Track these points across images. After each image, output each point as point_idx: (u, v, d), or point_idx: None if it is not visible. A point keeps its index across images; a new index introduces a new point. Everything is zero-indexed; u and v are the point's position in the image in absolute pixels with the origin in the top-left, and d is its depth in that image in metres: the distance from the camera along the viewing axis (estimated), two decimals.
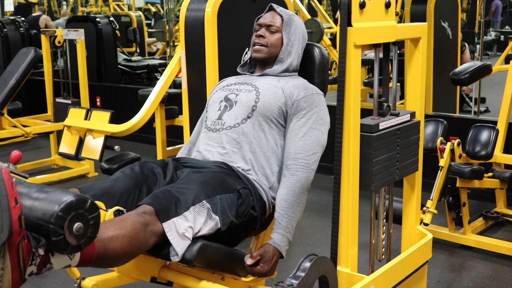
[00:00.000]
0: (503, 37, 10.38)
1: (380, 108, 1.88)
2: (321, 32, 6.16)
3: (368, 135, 1.76)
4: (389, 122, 1.86)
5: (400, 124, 1.91)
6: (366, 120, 1.81)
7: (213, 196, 1.81)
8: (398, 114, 1.91)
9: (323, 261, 1.70)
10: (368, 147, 1.76)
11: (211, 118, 2.13)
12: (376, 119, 1.84)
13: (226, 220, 1.83)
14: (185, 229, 1.70)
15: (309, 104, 2.05)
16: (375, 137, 1.77)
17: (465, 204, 3.13)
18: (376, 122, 1.79)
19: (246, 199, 1.91)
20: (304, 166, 1.96)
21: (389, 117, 1.88)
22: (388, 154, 1.84)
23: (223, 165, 1.99)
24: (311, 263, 1.64)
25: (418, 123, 2.00)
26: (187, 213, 1.73)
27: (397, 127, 1.89)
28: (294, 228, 1.91)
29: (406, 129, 1.93)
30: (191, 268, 1.90)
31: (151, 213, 1.66)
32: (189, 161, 2.08)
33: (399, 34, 1.86)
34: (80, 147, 3.46)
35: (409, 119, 1.96)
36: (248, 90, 2.12)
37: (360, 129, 1.76)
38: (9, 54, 5.83)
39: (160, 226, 1.66)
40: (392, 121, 1.87)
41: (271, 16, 2.20)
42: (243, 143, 2.03)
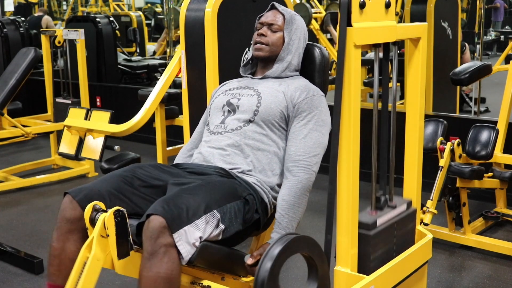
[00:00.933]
0: (503, 37, 10.38)
1: (377, 202, 1.90)
2: (309, 16, 6.19)
3: (366, 233, 1.79)
4: (387, 216, 1.88)
5: (397, 216, 1.93)
6: (364, 216, 1.83)
7: (223, 205, 1.83)
8: (395, 207, 1.93)
9: (300, 239, 1.65)
10: (366, 245, 1.80)
11: (214, 123, 2.14)
12: (374, 214, 1.86)
13: (232, 229, 1.85)
14: (195, 239, 1.72)
15: (309, 106, 2.06)
16: (373, 235, 1.80)
17: (465, 204, 3.13)
18: (373, 219, 1.82)
19: (252, 205, 1.93)
20: (305, 168, 1.96)
21: (386, 210, 1.90)
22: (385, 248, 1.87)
23: (222, 171, 1.99)
24: (285, 239, 1.60)
25: (414, 212, 2.03)
26: (199, 221, 1.74)
27: (394, 220, 1.91)
28: (294, 229, 1.92)
29: (403, 220, 1.96)
30: (191, 268, 1.90)
31: (163, 227, 1.66)
32: (189, 166, 2.08)
33: (399, 34, 1.85)
34: (80, 147, 3.46)
35: (406, 209, 1.99)
36: (250, 95, 2.13)
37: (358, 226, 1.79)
38: (9, 54, 5.83)
39: (171, 240, 1.67)
40: (389, 215, 1.90)
41: (273, 14, 2.20)
42: (245, 145, 2.04)
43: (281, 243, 1.57)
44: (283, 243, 1.57)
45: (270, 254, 1.54)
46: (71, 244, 1.84)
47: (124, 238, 1.73)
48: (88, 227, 1.74)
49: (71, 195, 1.85)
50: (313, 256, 1.66)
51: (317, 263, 1.67)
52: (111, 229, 1.70)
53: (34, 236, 3.49)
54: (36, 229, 3.62)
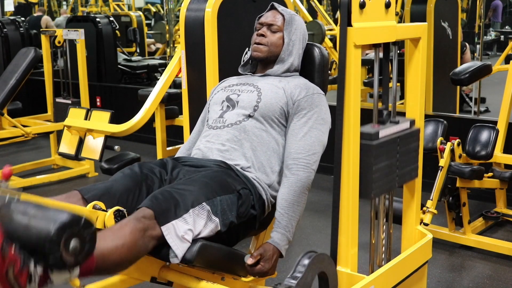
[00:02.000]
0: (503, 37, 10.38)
1: (380, 116, 1.88)
2: (323, 34, 6.17)
3: (368, 143, 1.76)
4: (389, 130, 1.86)
5: (400, 132, 1.91)
6: (366, 128, 1.80)
7: (213, 198, 1.81)
8: (398, 122, 1.91)
9: (321, 258, 1.69)
10: (368, 156, 1.75)
11: (213, 117, 2.13)
12: (376, 126, 1.83)
13: (226, 221, 1.83)
14: (184, 232, 1.70)
15: (309, 104, 2.05)
16: (375, 145, 1.76)
17: (465, 204, 3.13)
18: (376, 130, 1.79)
19: (246, 200, 1.91)
20: (304, 166, 1.96)
21: (389, 125, 1.88)
22: (387, 162, 1.83)
23: (222, 164, 1.99)
24: (309, 261, 1.64)
25: (418, 131, 1.99)
26: (187, 215, 1.72)
27: (397, 135, 1.89)
28: (294, 228, 1.91)
29: (406, 137, 1.93)
30: (191, 268, 1.90)
31: (150, 217, 1.65)
32: (189, 160, 2.08)
33: (399, 34, 1.86)
34: (80, 147, 3.46)
35: (409, 126, 1.96)
36: (250, 91, 2.12)
37: (360, 137, 1.76)
38: (9, 54, 5.83)
39: (159, 230, 1.66)
40: (392, 129, 1.87)
41: (273, 15, 2.19)
42: (244, 140, 2.03)
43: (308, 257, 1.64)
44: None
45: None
46: None
47: None
48: None
49: (81, 193, 1.83)
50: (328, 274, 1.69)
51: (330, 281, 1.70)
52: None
53: None
54: None
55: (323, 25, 6.31)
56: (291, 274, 1.62)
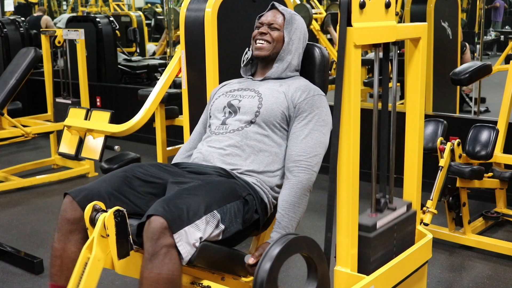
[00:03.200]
0: (503, 37, 10.38)
1: (378, 204, 1.90)
2: (310, 17, 6.19)
3: (367, 235, 1.79)
4: (387, 218, 1.88)
5: (397, 218, 1.93)
6: (364, 218, 1.83)
7: (223, 206, 1.83)
8: (395, 209, 1.93)
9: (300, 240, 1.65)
10: (366, 247, 1.79)
11: (215, 124, 2.14)
12: (373, 216, 1.86)
13: (232, 229, 1.85)
14: (195, 240, 1.72)
15: (310, 106, 2.06)
16: (373, 237, 1.80)
17: (465, 204, 3.13)
18: (373, 221, 1.82)
19: (251, 205, 1.93)
20: (305, 168, 1.96)
21: (386, 213, 1.90)
22: (385, 250, 1.87)
23: (222, 171, 1.99)
24: (284, 239, 1.59)
25: (414, 214, 2.03)
26: (199, 222, 1.74)
27: (394, 222, 1.91)
28: (294, 228, 1.92)
29: (403, 222, 1.96)
30: (191, 268, 1.90)
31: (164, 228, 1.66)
32: (189, 166, 2.08)
33: (399, 34, 1.85)
34: (80, 147, 3.46)
35: (406, 211, 1.98)
36: (251, 96, 2.13)
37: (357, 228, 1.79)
38: (9, 54, 5.83)
39: (171, 241, 1.68)
40: (389, 217, 1.89)
41: (273, 14, 2.20)
42: (246, 145, 2.04)
43: (280, 243, 1.57)
44: (282, 243, 1.57)
45: (269, 254, 1.54)
46: (72, 244, 1.85)
47: (124, 238, 1.73)
48: (88, 227, 1.75)
49: (71, 195, 1.85)
50: (312, 256, 1.66)
51: (317, 263, 1.67)
52: (111, 229, 1.70)
53: (34, 236, 3.49)
54: (36, 229, 3.62)
55: (310, 8, 6.34)
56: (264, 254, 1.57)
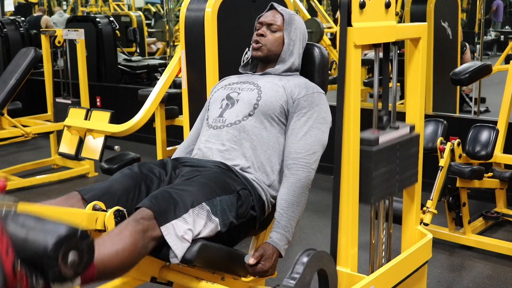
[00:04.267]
0: (503, 37, 10.38)
1: (380, 121, 1.88)
2: (321, 32, 6.17)
3: (368, 149, 1.76)
4: (389, 136, 1.86)
5: (400, 137, 1.91)
6: (366, 133, 1.80)
7: (212, 198, 1.81)
8: (397, 128, 1.91)
9: (320, 255, 1.68)
10: (368, 162, 1.75)
11: (213, 116, 2.13)
12: (376, 132, 1.83)
13: (226, 221, 1.83)
14: (184, 232, 1.70)
15: (309, 103, 2.05)
16: (375, 151, 1.77)
17: (465, 204, 3.13)
18: (375, 136, 1.79)
19: (246, 200, 1.91)
20: (304, 166, 1.96)
21: (388, 131, 1.88)
22: (387, 168, 1.83)
23: (222, 165, 1.99)
24: (307, 259, 1.63)
25: (417, 137, 1.99)
26: (186, 215, 1.72)
27: (396, 140, 1.89)
28: (293, 228, 1.91)
29: (406, 142, 1.93)
30: (191, 268, 1.90)
31: (150, 217, 1.65)
32: (189, 160, 2.08)
33: (399, 34, 1.86)
34: (80, 147, 3.46)
35: (409, 132, 1.96)
36: (250, 89, 2.12)
37: (360, 143, 1.76)
38: (9, 54, 5.83)
39: (159, 231, 1.66)
40: (391, 134, 1.87)
41: (272, 15, 2.20)
42: (244, 140, 2.03)
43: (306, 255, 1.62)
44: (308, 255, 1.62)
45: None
46: None
47: None
48: None
49: (81, 193, 1.83)
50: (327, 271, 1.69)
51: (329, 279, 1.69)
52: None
53: None
54: None
55: (321, 23, 6.32)
56: (289, 273, 1.62)
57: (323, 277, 1.71)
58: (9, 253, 1.24)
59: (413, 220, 2.13)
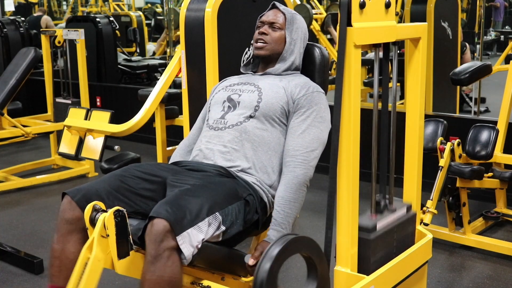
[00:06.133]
0: (503, 37, 10.38)
1: (377, 205, 1.90)
2: (310, 17, 6.20)
3: (366, 237, 1.79)
4: (386, 220, 1.88)
5: (397, 220, 1.93)
6: (364, 220, 1.83)
7: (225, 208, 1.83)
8: (395, 210, 1.93)
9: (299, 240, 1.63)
10: (366, 248, 1.80)
11: (214, 117, 2.13)
12: (373, 217, 1.86)
13: (232, 231, 1.85)
14: (198, 242, 1.73)
15: (309, 102, 2.06)
16: (373, 239, 1.80)
17: (465, 204, 3.13)
18: (373, 223, 1.82)
19: (252, 206, 1.93)
20: (301, 163, 1.96)
21: (386, 214, 1.90)
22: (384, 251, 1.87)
23: (222, 170, 1.99)
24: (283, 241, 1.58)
25: (414, 216, 2.03)
26: (202, 224, 1.74)
27: (394, 224, 1.91)
28: (291, 224, 1.91)
29: (403, 224, 1.96)
30: (191, 268, 1.90)
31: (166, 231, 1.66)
32: (189, 164, 2.08)
33: (399, 34, 1.85)
34: (80, 147, 3.46)
35: (406, 212, 1.99)
36: (250, 91, 2.13)
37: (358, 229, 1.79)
38: (9, 54, 5.83)
39: (174, 243, 1.68)
40: (389, 219, 1.90)
41: (274, 13, 2.20)
42: (245, 141, 2.03)
43: (280, 243, 1.57)
44: (281, 243, 1.57)
45: (269, 254, 1.54)
46: (71, 245, 1.84)
47: (124, 238, 1.72)
48: (88, 227, 1.74)
49: (70, 195, 1.85)
50: (312, 256, 1.66)
51: (316, 263, 1.67)
52: (111, 229, 1.70)
53: (34, 236, 3.49)
54: (36, 229, 3.62)
55: (310, 8, 6.34)
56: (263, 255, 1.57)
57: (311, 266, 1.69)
58: None
59: None
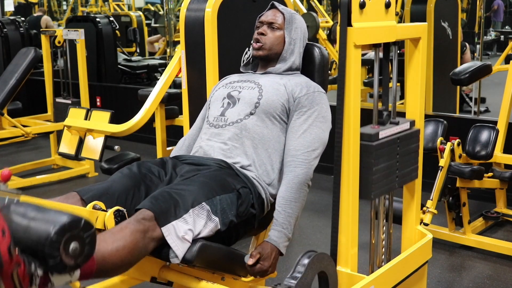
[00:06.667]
0: (503, 37, 10.39)
1: (380, 117, 1.88)
2: (317, 26, 6.19)
3: (368, 144, 1.76)
4: (389, 131, 1.86)
5: (400, 132, 1.91)
6: (366, 128, 1.80)
7: (212, 198, 1.81)
8: (398, 123, 1.91)
9: (321, 257, 1.69)
10: (368, 156, 1.76)
11: (214, 115, 2.13)
12: (376, 127, 1.83)
13: (226, 220, 1.83)
14: (184, 232, 1.70)
15: (310, 101, 2.06)
16: (375, 146, 1.77)
17: (465, 204, 3.13)
18: (376, 131, 1.79)
19: (246, 198, 1.91)
20: (302, 162, 1.96)
21: (389, 126, 1.88)
22: (388, 163, 1.83)
23: (222, 163, 1.99)
24: (308, 260, 1.64)
25: (417, 132, 2.00)
26: (187, 215, 1.73)
27: (397, 135, 1.89)
28: (292, 225, 1.91)
29: (406, 137, 1.93)
30: (191, 268, 1.90)
31: (150, 218, 1.66)
32: (189, 158, 2.08)
33: (399, 34, 1.86)
34: (80, 147, 3.46)
35: (409, 127, 1.96)
36: (251, 88, 2.13)
37: (360, 138, 1.76)
38: (9, 54, 5.83)
39: (159, 232, 1.67)
40: (392, 129, 1.87)
41: (273, 13, 2.20)
42: (245, 138, 2.03)
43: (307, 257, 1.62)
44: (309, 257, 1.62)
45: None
46: None
47: None
48: None
49: (80, 194, 1.83)
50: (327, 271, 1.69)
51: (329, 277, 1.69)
52: None
53: None
54: None
55: (317, 17, 6.33)
56: (290, 274, 1.62)
57: (323, 279, 1.71)
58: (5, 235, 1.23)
59: (413, 220, 2.13)
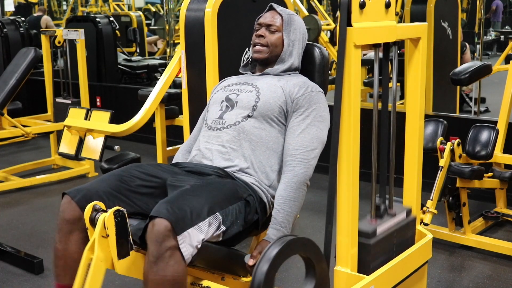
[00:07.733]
0: (503, 37, 10.39)
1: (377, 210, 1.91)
2: (319, 29, 6.19)
3: (366, 242, 1.80)
4: (386, 225, 1.89)
5: (397, 224, 1.94)
6: (364, 224, 1.83)
7: (226, 208, 1.83)
8: (394, 215, 1.94)
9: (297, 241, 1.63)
10: (366, 253, 1.80)
11: (212, 118, 2.14)
12: (373, 222, 1.86)
13: (232, 231, 1.85)
14: (198, 242, 1.73)
15: (308, 101, 2.06)
16: (373, 244, 1.81)
17: (465, 204, 3.13)
18: (373, 227, 1.82)
19: (253, 206, 1.93)
20: (301, 161, 1.96)
21: (386, 219, 1.90)
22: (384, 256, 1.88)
23: (221, 171, 1.99)
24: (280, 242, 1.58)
25: (414, 220, 2.03)
26: (202, 224, 1.74)
27: (394, 228, 1.92)
28: (291, 223, 1.91)
29: (403, 228, 1.97)
30: (191, 268, 1.90)
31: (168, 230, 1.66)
32: (188, 165, 2.08)
33: (399, 34, 1.85)
34: (80, 147, 3.46)
35: (405, 217, 1.99)
36: (248, 90, 2.13)
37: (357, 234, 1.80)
38: (9, 54, 5.83)
39: (175, 243, 1.68)
40: (389, 223, 1.90)
41: (271, 15, 2.20)
42: (243, 140, 2.04)
43: (278, 245, 1.56)
44: (280, 245, 1.56)
45: (267, 256, 1.54)
46: (73, 245, 1.85)
47: (124, 238, 1.72)
48: (88, 227, 1.74)
49: (70, 195, 1.85)
50: (310, 256, 1.66)
51: (315, 262, 1.67)
52: (111, 229, 1.70)
53: (34, 236, 3.49)
54: (36, 229, 3.62)
55: (319, 19, 6.32)
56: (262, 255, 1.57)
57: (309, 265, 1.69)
58: None
59: None
